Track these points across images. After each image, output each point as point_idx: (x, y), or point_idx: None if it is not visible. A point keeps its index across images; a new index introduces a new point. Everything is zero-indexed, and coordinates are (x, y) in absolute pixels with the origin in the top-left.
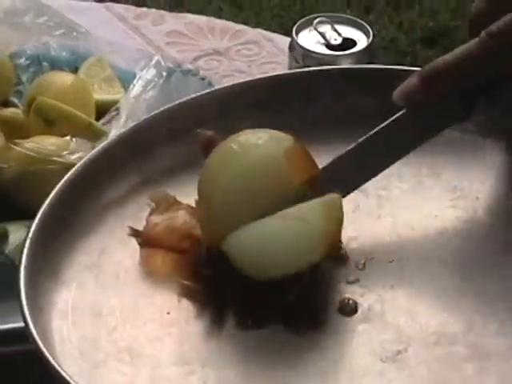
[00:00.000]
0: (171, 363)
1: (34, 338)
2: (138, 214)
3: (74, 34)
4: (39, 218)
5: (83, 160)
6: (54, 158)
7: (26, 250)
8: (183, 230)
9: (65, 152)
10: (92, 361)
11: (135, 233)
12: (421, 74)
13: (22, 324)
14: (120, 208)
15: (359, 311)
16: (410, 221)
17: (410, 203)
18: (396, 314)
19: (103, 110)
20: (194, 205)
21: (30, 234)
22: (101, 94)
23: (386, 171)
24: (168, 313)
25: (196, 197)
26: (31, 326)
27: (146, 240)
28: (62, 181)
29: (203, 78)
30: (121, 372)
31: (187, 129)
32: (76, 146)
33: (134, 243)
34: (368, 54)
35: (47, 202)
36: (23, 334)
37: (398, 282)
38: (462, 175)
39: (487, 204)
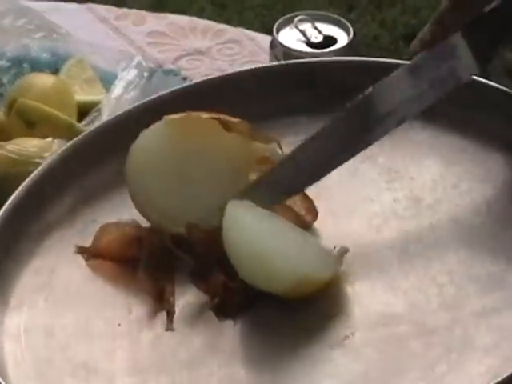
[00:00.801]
0: (125, 375)
1: None
2: (84, 230)
3: (55, 35)
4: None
5: (25, 181)
6: (36, 160)
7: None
8: (130, 236)
9: (47, 154)
10: (49, 381)
11: (82, 250)
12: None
13: None
14: (66, 226)
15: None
16: (348, 207)
17: (348, 189)
18: (340, 300)
19: (85, 111)
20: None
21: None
22: (82, 95)
23: None
24: (119, 325)
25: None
26: None
27: (93, 253)
28: (6, 205)
29: (185, 78)
30: None
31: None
32: (58, 147)
33: (82, 260)
34: (349, 51)
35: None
36: None
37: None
38: (395, 158)
39: (422, 183)
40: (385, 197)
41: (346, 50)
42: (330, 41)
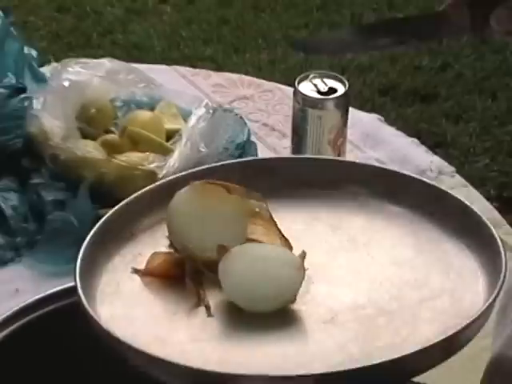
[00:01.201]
0: (185, 344)
1: (89, 315)
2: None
3: (152, 86)
4: (86, 244)
5: (113, 209)
6: (139, 167)
7: (78, 262)
8: (172, 261)
9: (145, 162)
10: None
11: (136, 270)
12: None
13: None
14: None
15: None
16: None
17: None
18: (321, 297)
19: (171, 135)
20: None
21: (81, 252)
22: (169, 125)
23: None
24: (174, 313)
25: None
26: (87, 307)
27: (145, 273)
28: (100, 221)
29: (236, 114)
30: None
31: None
32: (152, 158)
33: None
34: (345, 98)
35: (91, 232)
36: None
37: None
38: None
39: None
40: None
41: (343, 97)
42: (332, 90)
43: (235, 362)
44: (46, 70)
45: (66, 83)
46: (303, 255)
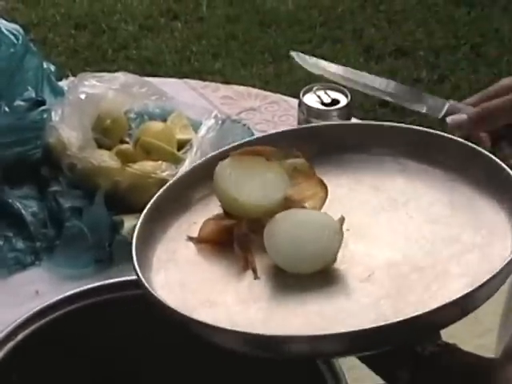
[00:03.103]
0: (234, 305)
1: (142, 284)
2: (189, 228)
3: (164, 98)
4: (144, 214)
5: (169, 183)
6: (152, 175)
7: (136, 231)
8: (222, 227)
9: (158, 171)
10: (187, 309)
11: (191, 238)
12: (473, 113)
13: (134, 277)
14: (180, 223)
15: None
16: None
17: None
18: (359, 256)
19: (182, 145)
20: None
21: (139, 222)
22: (180, 135)
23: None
24: (223, 276)
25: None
26: (141, 276)
27: (198, 240)
28: (157, 193)
29: (244, 125)
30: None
31: None
32: (165, 167)
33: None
34: (347, 109)
35: (149, 204)
36: (136, 283)
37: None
38: None
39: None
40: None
41: (346, 108)
42: (336, 102)
43: (278, 323)
44: (63, 84)
45: (83, 96)
46: (342, 219)
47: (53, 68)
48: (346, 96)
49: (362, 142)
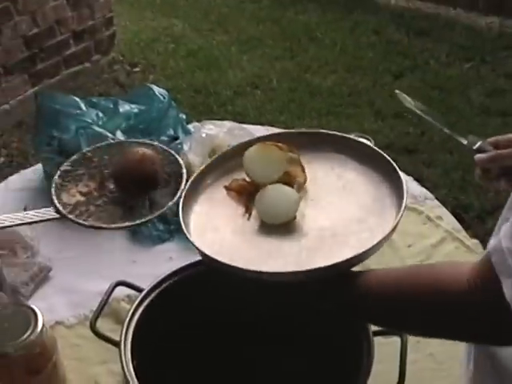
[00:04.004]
0: (232, 235)
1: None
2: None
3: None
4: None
5: (212, 158)
6: None
7: (186, 189)
8: (243, 185)
9: None
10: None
11: (225, 187)
12: (490, 156)
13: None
14: (215, 186)
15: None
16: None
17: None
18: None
19: None
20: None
21: (188, 184)
22: None
23: None
24: (232, 216)
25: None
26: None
27: (229, 189)
28: (197, 171)
29: None
30: None
31: None
32: None
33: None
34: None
35: (190, 181)
36: None
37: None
38: None
39: None
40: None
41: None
42: None
43: (247, 252)
44: (191, 127)
45: (204, 135)
46: (301, 196)
47: (184, 116)
48: (371, 142)
49: (331, 145)
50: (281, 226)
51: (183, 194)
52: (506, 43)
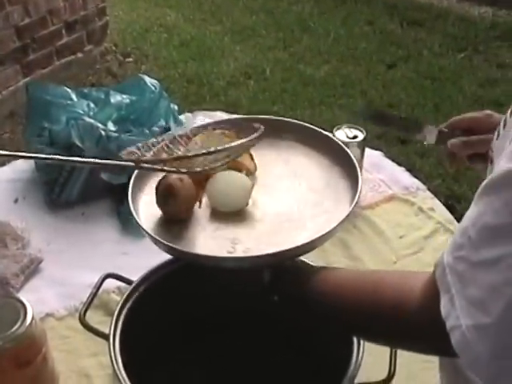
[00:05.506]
0: None
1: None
2: None
3: None
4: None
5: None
6: None
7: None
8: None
9: None
10: None
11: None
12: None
13: None
14: None
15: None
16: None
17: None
18: (261, 205)
19: None
20: None
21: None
22: None
23: None
24: None
25: None
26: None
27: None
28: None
29: None
30: None
31: None
32: None
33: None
34: (363, 142)
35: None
36: None
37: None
38: None
39: None
40: None
41: (362, 141)
42: (355, 136)
43: (200, 242)
44: (182, 118)
45: (195, 125)
46: (253, 183)
47: (176, 107)
48: (363, 132)
49: (279, 132)
50: (233, 213)
51: (130, 186)
52: (499, 33)
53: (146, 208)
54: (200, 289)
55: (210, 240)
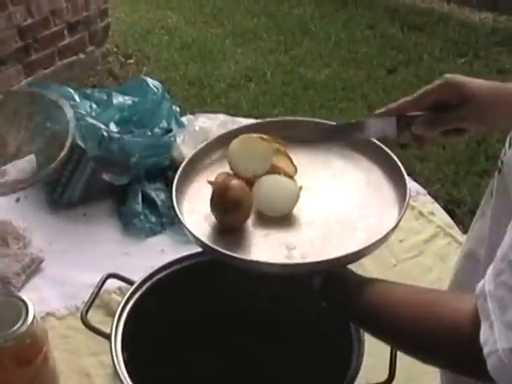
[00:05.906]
0: None
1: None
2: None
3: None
4: (180, 170)
5: (195, 150)
6: None
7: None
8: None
9: None
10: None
11: (210, 182)
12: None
13: None
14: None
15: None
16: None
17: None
18: (308, 209)
19: None
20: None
21: (176, 176)
22: None
23: None
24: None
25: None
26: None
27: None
28: (186, 160)
29: None
30: None
31: None
32: None
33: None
34: None
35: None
36: None
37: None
38: None
39: None
40: None
41: None
42: None
43: (256, 249)
44: (184, 119)
45: (197, 128)
46: (300, 187)
47: (178, 109)
48: None
49: (319, 136)
50: (280, 218)
51: (174, 187)
52: (499, 39)
53: (191, 216)
54: (200, 290)
55: (264, 246)
